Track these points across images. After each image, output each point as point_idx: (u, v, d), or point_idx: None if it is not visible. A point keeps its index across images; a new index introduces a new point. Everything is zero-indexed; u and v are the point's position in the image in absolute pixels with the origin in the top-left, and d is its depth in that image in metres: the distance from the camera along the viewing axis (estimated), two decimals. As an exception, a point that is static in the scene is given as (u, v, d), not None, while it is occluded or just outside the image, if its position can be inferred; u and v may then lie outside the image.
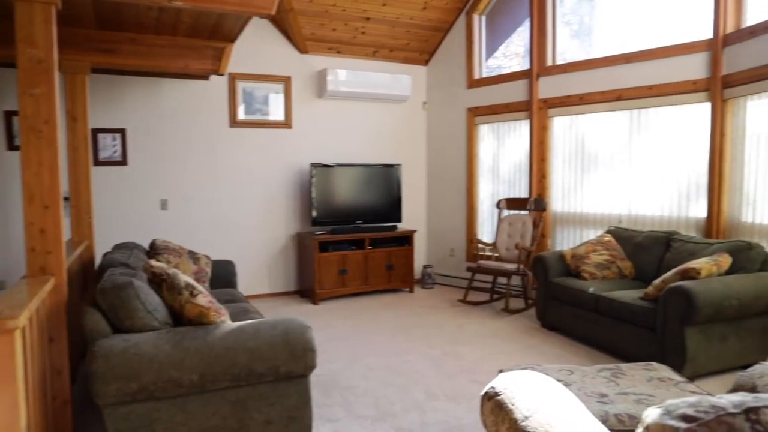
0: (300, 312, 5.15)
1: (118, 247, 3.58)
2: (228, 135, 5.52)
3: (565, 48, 5.46)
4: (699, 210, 4.35)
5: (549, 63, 5.35)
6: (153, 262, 2.44)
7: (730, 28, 4.09)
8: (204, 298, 2.34)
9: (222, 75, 4.87)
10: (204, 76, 5.25)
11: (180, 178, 5.33)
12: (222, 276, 4.21)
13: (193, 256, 3.93)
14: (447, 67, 6.34)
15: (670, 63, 4.45)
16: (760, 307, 3.38)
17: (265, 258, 5.76)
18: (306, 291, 5.73)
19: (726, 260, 3.50)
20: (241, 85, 5.52)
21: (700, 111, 4.30)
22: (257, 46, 5.59)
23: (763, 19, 3.82)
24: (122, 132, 5.06)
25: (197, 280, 3.78)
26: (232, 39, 4.30)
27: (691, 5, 4.42)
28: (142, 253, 3.60)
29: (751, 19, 4.02)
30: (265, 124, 5.67)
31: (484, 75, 6.11)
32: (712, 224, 4.22)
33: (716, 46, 4.14)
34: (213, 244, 5.46)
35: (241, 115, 5.55)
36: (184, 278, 2.39)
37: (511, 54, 6.21)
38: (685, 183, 4.43)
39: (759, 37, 3.83)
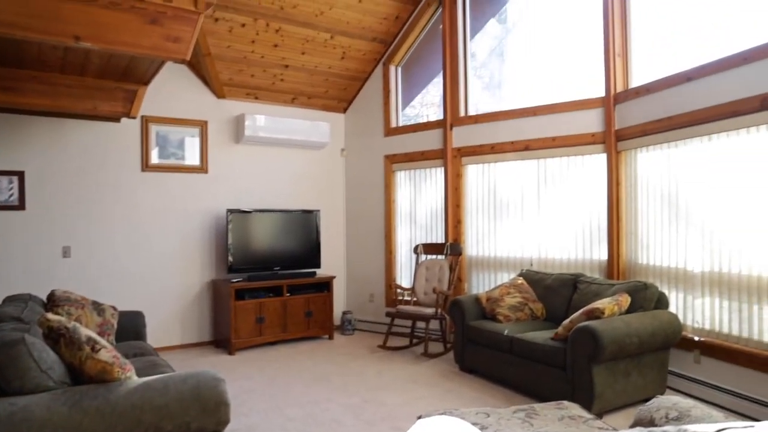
0: (214, 363, 4.92)
1: (10, 300, 3.29)
2: (140, 179, 5.31)
3: (478, 99, 5.78)
4: (601, 253, 4.64)
5: (462, 114, 5.62)
6: (50, 315, 2.26)
7: (619, 88, 4.51)
8: (107, 353, 2.19)
9: (134, 118, 4.72)
10: (115, 119, 5.06)
11: (85, 224, 5.03)
12: (130, 328, 3.96)
13: (98, 307, 3.67)
14: (365, 115, 6.49)
15: (570, 117, 4.81)
16: (657, 344, 3.61)
17: (178, 307, 5.49)
18: (221, 341, 5.50)
19: (626, 300, 3.73)
20: (154, 129, 5.36)
21: (599, 161, 4.65)
22: (173, 89, 5.48)
23: (646, 82, 4.25)
24: (20, 174, 4.74)
25: (101, 333, 3.53)
26: (145, 82, 4.19)
27: (588, 66, 4.83)
28: (38, 305, 3.33)
29: (636, 81, 4.45)
30: (180, 168, 5.51)
31: (402, 123, 6.31)
32: (613, 266, 4.51)
33: (609, 103, 4.53)
34: (121, 294, 5.15)
35: (155, 159, 5.37)
36: (86, 332, 2.23)
37: (428, 103, 6.48)
38: (589, 228, 4.73)
39: (643, 97, 4.25)
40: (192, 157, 5.59)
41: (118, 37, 2.73)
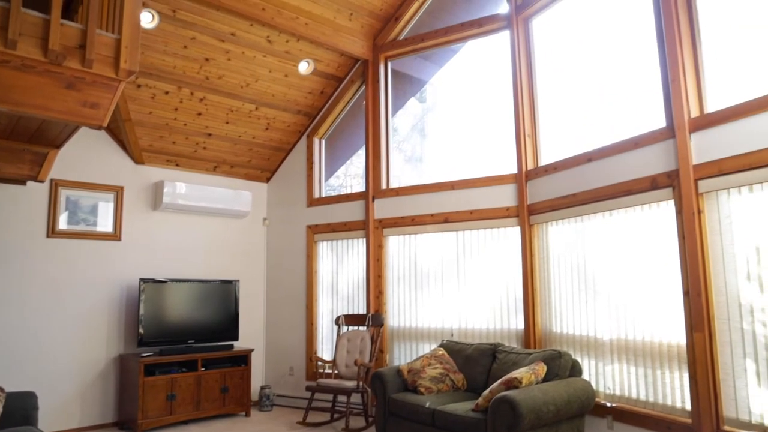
0: (116, 448, 4.50)
1: None
2: (44, 246, 4.97)
3: (400, 172, 5.97)
4: (518, 322, 4.78)
5: (384, 186, 5.77)
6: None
7: (530, 166, 4.82)
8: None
9: (42, 182, 4.48)
10: (20, 181, 4.78)
11: (-24, 295, 4.61)
12: (18, 411, 3.57)
13: (-18, 388, 3.31)
14: (288, 186, 6.52)
15: (487, 191, 5.06)
16: (572, 411, 3.70)
17: (78, 386, 5.04)
18: (127, 422, 5.07)
19: (542, 369, 3.83)
20: (64, 193, 5.10)
21: (513, 234, 4.88)
22: (88, 153, 5.28)
23: (553, 161, 4.58)
24: None
25: (-16, 417, 3.16)
26: (57, 145, 4.02)
27: (502, 144, 5.15)
28: None
29: (545, 159, 4.79)
30: (91, 235, 5.23)
31: (326, 193, 6.38)
32: (529, 335, 4.64)
33: (521, 179, 4.82)
34: (14, 372, 4.67)
35: (62, 224, 5.07)
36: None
37: (353, 174, 6.61)
38: (506, 298, 4.89)
39: (551, 174, 4.56)
40: (105, 224, 5.33)
41: (29, 99, 2.64)
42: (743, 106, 3.23)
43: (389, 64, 5.99)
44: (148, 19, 4.72)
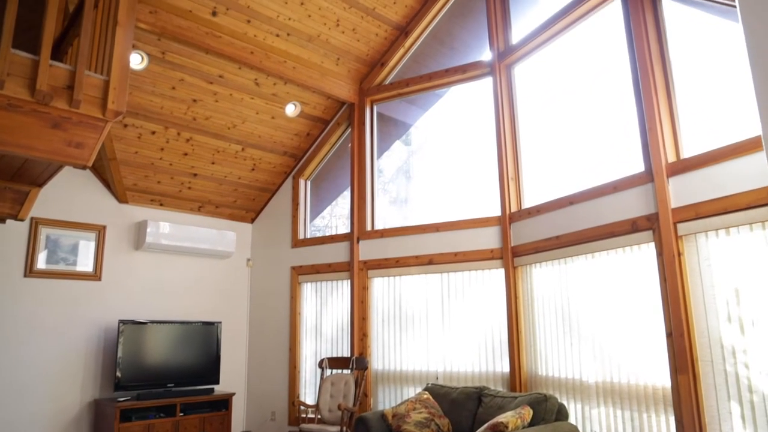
0: (87, 499, 4.30)
1: None
2: (20, 286, 4.87)
3: (385, 213, 6.00)
4: (504, 365, 4.74)
5: (369, 228, 5.78)
6: None
7: (513, 208, 4.88)
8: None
9: (22, 221, 4.43)
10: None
11: (-53, 337, 4.47)
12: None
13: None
14: (273, 226, 6.50)
15: (471, 234, 5.09)
16: (559, 458, 3.64)
17: (48, 433, 4.86)
18: (98, 472, 4.87)
19: (528, 413, 3.78)
20: (45, 231, 5.03)
21: (498, 276, 4.89)
22: (71, 191, 5.25)
23: (537, 204, 4.65)
24: None
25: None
26: (40, 184, 3.99)
27: (486, 186, 5.22)
28: None
29: (528, 202, 4.86)
30: (70, 275, 5.14)
31: (311, 233, 6.37)
32: (515, 378, 4.60)
33: (505, 222, 4.87)
34: (-20, 418, 4.50)
35: (41, 264, 4.99)
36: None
37: (338, 214, 6.63)
38: (491, 340, 4.85)
39: (535, 217, 4.62)
40: (85, 263, 5.25)
41: (14, 139, 2.64)
42: (717, 152, 3.33)
43: (375, 108, 6.10)
44: (137, 61, 4.79)
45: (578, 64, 4.59)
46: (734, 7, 3.24)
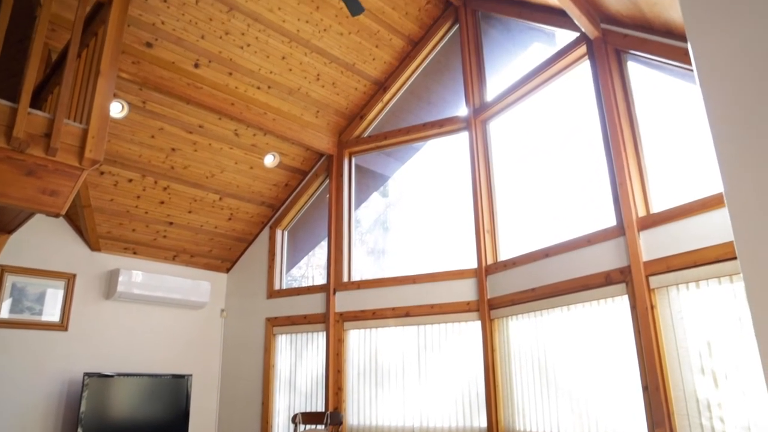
0: None
1: None
2: (-18, 337, 4.68)
3: (362, 264, 5.98)
4: (481, 419, 4.66)
5: (345, 279, 5.75)
6: None
7: (489, 261, 4.92)
8: None
9: (-11, 269, 4.31)
10: (-35, 269, 4.58)
11: None
12: None
13: None
14: (248, 277, 6.42)
15: (447, 286, 5.09)
16: None
17: (1, 495, 4.57)
18: None
19: (505, 471, 3.69)
20: (11, 279, 4.89)
21: (475, 328, 4.87)
22: (40, 238, 5.14)
23: (512, 256, 4.70)
24: None
25: None
26: (9, 231, 3.91)
27: (462, 238, 5.27)
28: None
29: (504, 254, 4.91)
30: (35, 325, 4.96)
31: (288, 283, 6.30)
32: (492, 435, 4.51)
33: (481, 274, 4.89)
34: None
35: (4, 313, 4.82)
36: None
37: (315, 264, 6.59)
38: (468, 394, 4.78)
39: (510, 269, 4.66)
40: (52, 313, 5.09)
41: (-13, 185, 2.61)
42: (685, 207, 3.44)
43: (353, 160, 6.19)
44: (117, 109, 4.81)
45: (551, 120, 4.76)
46: (692, 70, 3.43)
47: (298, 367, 5.84)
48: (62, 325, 5.14)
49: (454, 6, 5.75)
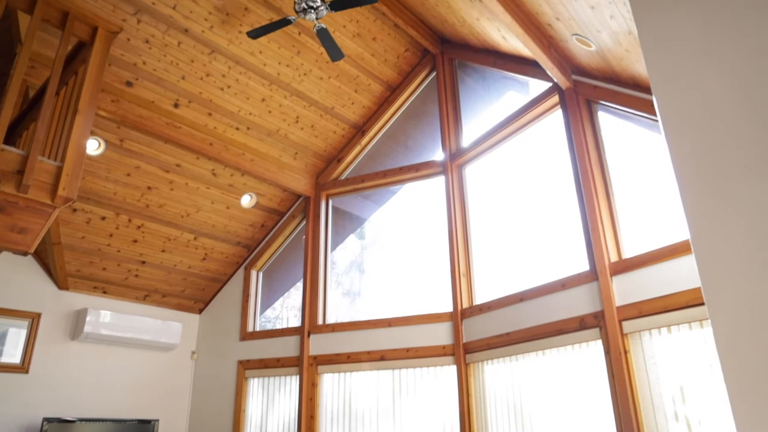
0: None
1: None
2: (-63, 380, 4.47)
3: (338, 305, 5.92)
4: (455, 469, 4.55)
5: (320, 321, 5.68)
6: None
7: (465, 305, 4.92)
8: None
9: (-50, 307, 4.15)
10: (-77, 307, 4.40)
11: None
12: None
13: None
14: (221, 318, 6.30)
15: (423, 329, 5.06)
16: None
17: None
18: None
19: None
20: (-28, 320, 4.72)
21: (450, 373, 4.83)
22: (4, 275, 4.99)
23: (488, 300, 4.71)
24: None
25: None
26: (-25, 269, 3.80)
27: (438, 282, 5.27)
28: None
29: (479, 298, 4.92)
30: (-6, 367, 4.77)
31: (260, 325, 6.18)
32: (467, 483, 4.40)
33: (457, 318, 4.88)
34: None
35: (-37, 355, 4.63)
36: None
37: (290, 306, 6.49)
38: (442, 441, 4.69)
39: (486, 313, 4.66)
40: (12, 354, 4.89)
41: (-45, 221, 2.54)
42: (656, 253, 3.51)
43: (330, 202, 6.21)
44: (93, 146, 4.78)
45: (525, 166, 4.87)
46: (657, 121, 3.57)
47: (270, 411, 5.68)
48: (23, 367, 4.94)
49: (432, 54, 5.93)
